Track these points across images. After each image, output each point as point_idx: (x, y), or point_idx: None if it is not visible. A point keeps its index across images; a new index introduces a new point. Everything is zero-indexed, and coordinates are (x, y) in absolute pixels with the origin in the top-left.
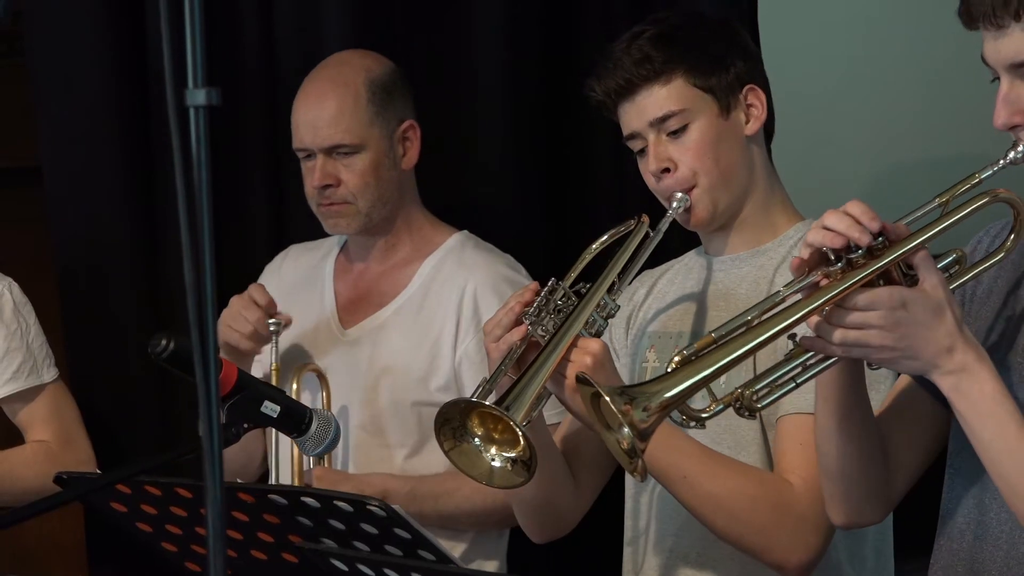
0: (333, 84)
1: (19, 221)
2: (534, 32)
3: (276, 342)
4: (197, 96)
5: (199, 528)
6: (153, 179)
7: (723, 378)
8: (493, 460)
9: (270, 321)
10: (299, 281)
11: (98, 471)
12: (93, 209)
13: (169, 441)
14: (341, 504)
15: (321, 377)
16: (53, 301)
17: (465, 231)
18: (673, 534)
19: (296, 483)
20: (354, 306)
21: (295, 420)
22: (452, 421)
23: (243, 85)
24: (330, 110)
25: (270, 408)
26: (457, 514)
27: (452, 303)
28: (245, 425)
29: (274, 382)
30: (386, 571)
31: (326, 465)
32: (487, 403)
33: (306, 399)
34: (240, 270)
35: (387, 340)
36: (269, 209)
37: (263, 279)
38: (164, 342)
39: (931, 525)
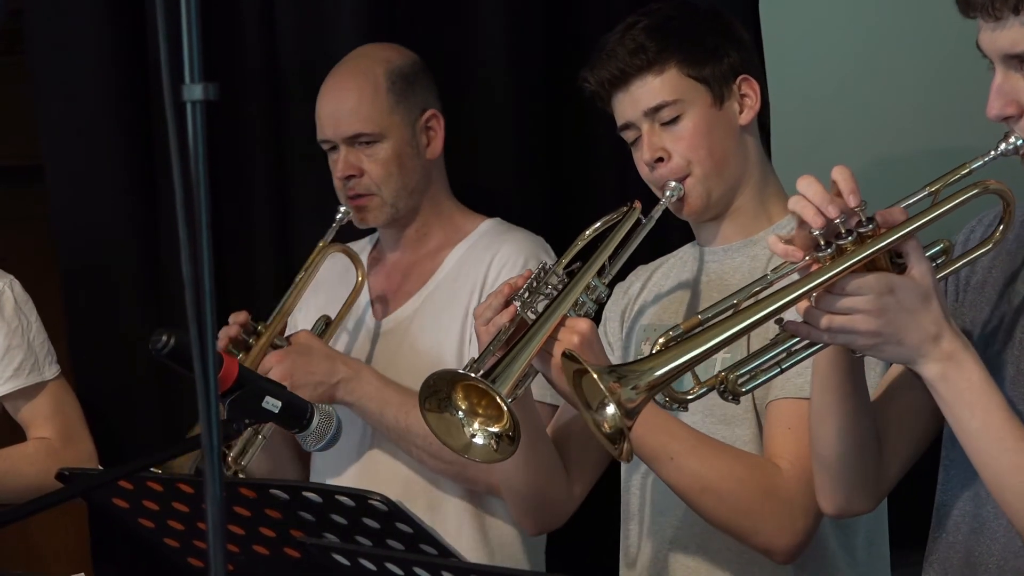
0: (352, 75)
1: (21, 219)
2: (537, 26)
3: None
4: (194, 91)
5: (201, 523)
6: (155, 176)
7: (719, 359)
8: (474, 436)
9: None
10: (334, 278)
11: (100, 468)
12: (95, 206)
13: (171, 437)
14: (343, 499)
15: (354, 258)
16: (56, 299)
17: (497, 218)
18: (671, 524)
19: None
20: (387, 297)
21: (296, 415)
22: (439, 393)
23: (244, 82)
24: (350, 101)
25: (271, 403)
26: (417, 430)
27: (479, 275)
28: (246, 421)
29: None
30: (388, 565)
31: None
32: (473, 375)
33: None
34: (242, 268)
35: (420, 327)
36: (270, 206)
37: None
38: (164, 338)
39: (928, 518)
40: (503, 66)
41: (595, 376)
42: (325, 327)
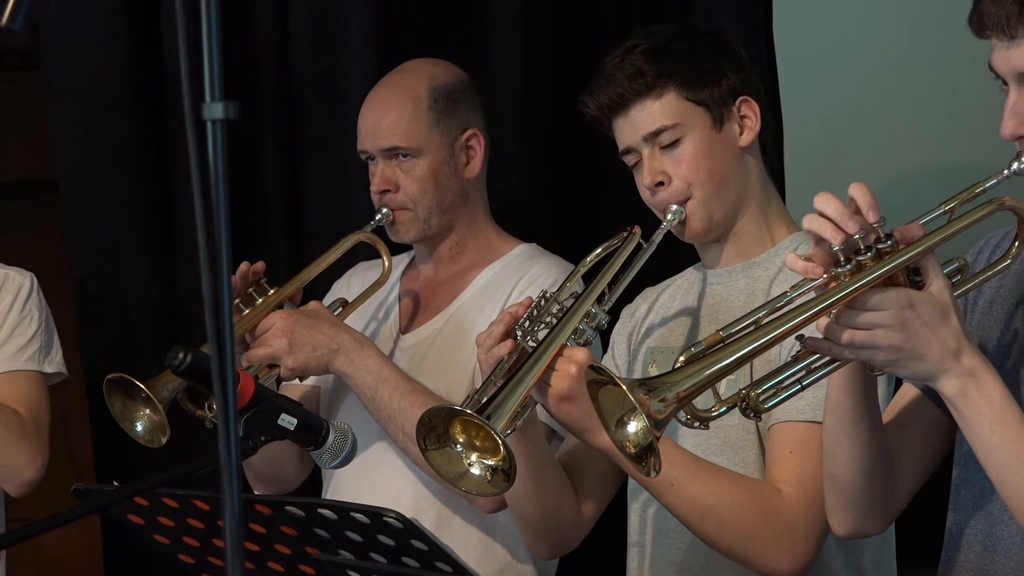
0: (395, 90)
1: (36, 233)
2: (550, 37)
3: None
4: (214, 110)
5: (216, 540)
6: (169, 192)
7: (724, 381)
8: (471, 467)
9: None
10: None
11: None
12: (110, 221)
13: (185, 452)
14: (358, 516)
15: (380, 247)
16: (70, 312)
17: (533, 243)
18: (673, 550)
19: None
20: (415, 312)
21: (312, 433)
22: (436, 428)
23: (259, 97)
24: (391, 115)
25: (287, 421)
26: (408, 414)
27: (503, 298)
28: (263, 438)
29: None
30: None
31: None
32: (468, 411)
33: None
34: None
35: (442, 344)
36: (285, 221)
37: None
38: (182, 355)
39: (937, 537)
40: (516, 79)
41: (624, 388)
42: (341, 308)
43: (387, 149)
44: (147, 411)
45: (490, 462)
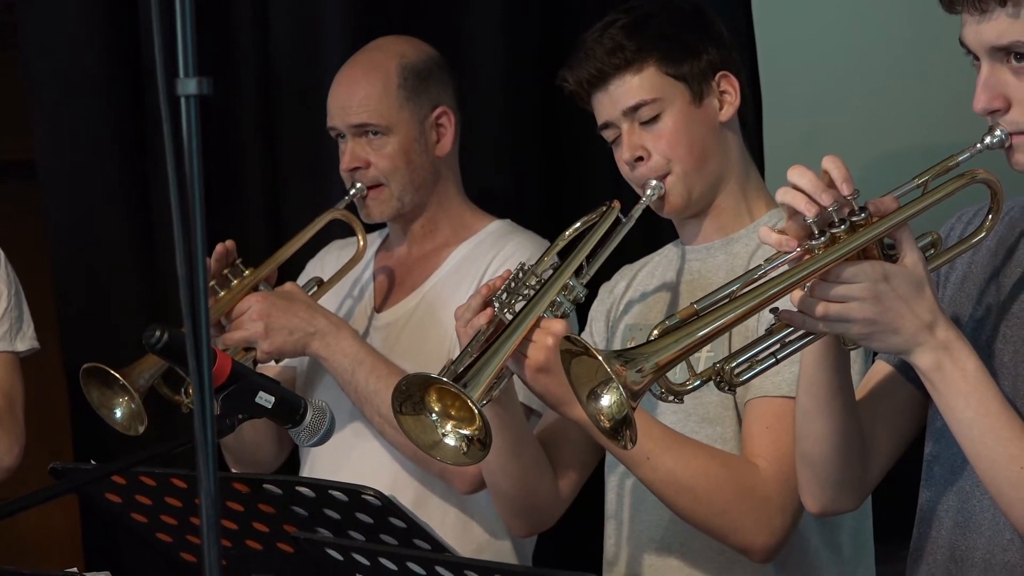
0: (364, 68)
1: (14, 214)
2: (532, 27)
3: None
4: (188, 85)
5: (194, 518)
6: (147, 170)
7: (702, 357)
8: (446, 437)
9: None
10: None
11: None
12: (88, 201)
13: (163, 432)
14: (336, 494)
15: (355, 224)
16: (48, 293)
17: (508, 219)
18: (650, 524)
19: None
20: (389, 290)
21: (290, 411)
22: (413, 397)
23: (237, 80)
24: (360, 93)
25: (264, 399)
26: (384, 397)
27: (478, 274)
28: (240, 416)
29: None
30: (381, 560)
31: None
32: (444, 379)
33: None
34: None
35: (417, 322)
36: (264, 201)
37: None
38: (158, 334)
39: (909, 514)
40: (497, 58)
41: (600, 359)
42: (316, 288)
43: (356, 125)
44: (124, 399)
45: (465, 432)
